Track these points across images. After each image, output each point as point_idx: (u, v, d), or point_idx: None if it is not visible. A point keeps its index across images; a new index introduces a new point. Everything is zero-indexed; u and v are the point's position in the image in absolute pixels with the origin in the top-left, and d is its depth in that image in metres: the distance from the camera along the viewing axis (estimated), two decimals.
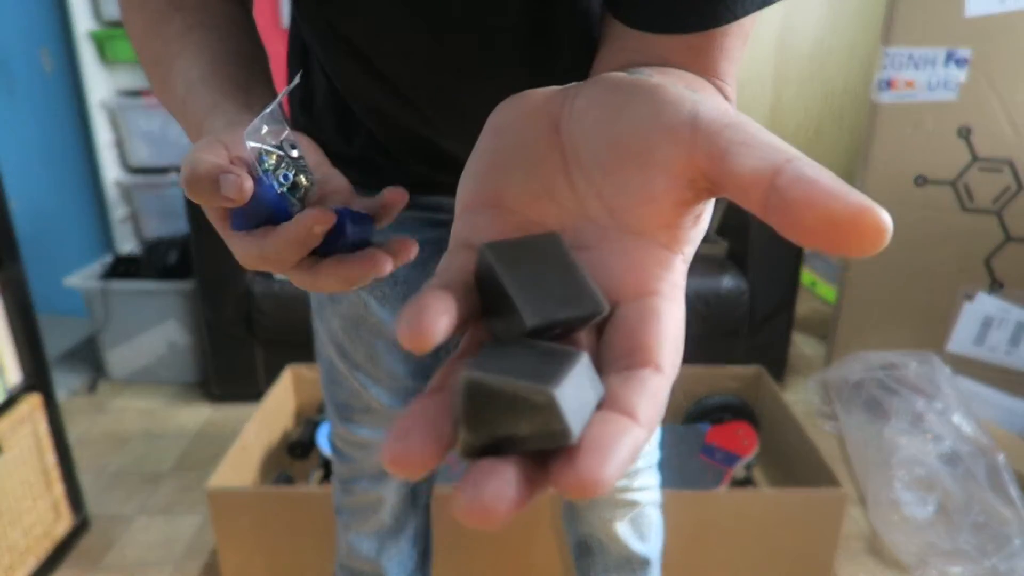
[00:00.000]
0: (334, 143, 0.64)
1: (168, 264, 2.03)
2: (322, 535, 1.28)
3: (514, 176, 0.31)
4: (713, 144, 0.26)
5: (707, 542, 1.30)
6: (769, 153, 0.24)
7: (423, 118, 0.59)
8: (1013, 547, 1.38)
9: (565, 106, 0.31)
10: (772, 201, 0.24)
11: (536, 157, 0.31)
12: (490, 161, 0.32)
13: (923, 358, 1.74)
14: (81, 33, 2.09)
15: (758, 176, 0.24)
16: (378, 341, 0.75)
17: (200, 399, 2.04)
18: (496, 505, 0.20)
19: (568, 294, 0.26)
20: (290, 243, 0.37)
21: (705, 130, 0.26)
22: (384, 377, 0.76)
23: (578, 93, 0.31)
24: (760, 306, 1.94)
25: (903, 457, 1.54)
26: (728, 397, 1.73)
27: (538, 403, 0.21)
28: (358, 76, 0.57)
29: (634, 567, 0.92)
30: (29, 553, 1.36)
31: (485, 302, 0.27)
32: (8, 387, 1.31)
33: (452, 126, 0.60)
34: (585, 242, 0.29)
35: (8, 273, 1.29)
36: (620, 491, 0.87)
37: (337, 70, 0.60)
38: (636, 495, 0.88)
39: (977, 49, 1.68)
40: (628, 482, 0.87)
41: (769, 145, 0.25)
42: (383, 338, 0.75)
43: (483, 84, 0.56)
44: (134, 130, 2.19)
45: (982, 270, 1.82)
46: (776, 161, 0.24)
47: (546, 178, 0.31)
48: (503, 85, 0.58)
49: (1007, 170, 1.74)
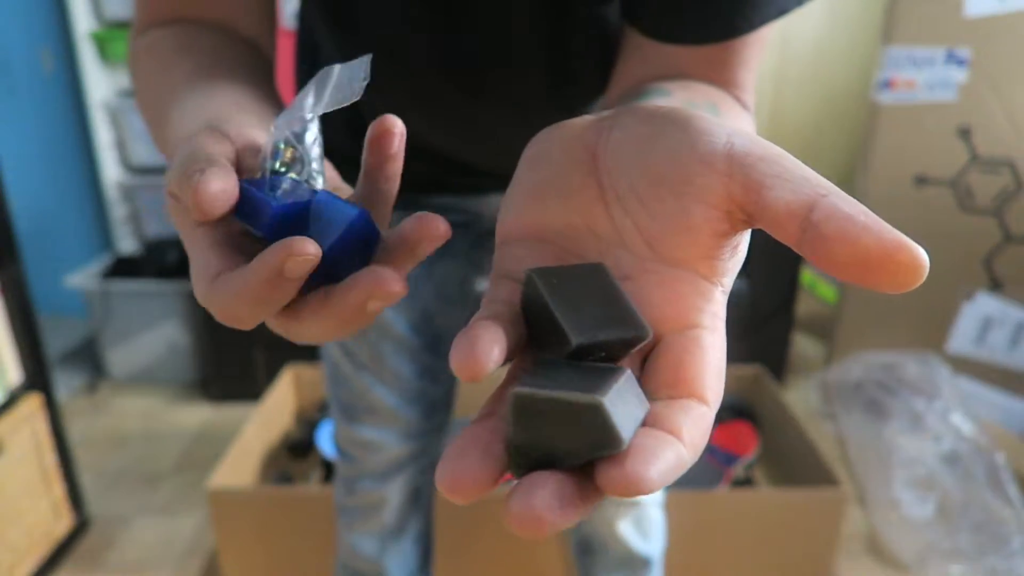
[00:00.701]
0: (341, 142, 0.64)
1: (168, 264, 2.03)
2: (322, 535, 1.28)
3: (553, 207, 0.31)
4: (748, 176, 0.26)
5: (707, 542, 1.30)
6: (804, 187, 0.25)
7: (438, 129, 0.59)
8: (1012, 547, 1.38)
9: (601, 137, 0.31)
10: (807, 236, 0.24)
11: (574, 188, 0.31)
12: (529, 192, 0.32)
13: (923, 358, 1.74)
14: (81, 33, 2.09)
15: (793, 210, 0.24)
16: (383, 341, 0.75)
17: (200, 399, 2.04)
18: (546, 514, 0.20)
19: (613, 317, 0.26)
20: (250, 290, 0.27)
21: (740, 162, 0.27)
22: (389, 377, 0.76)
23: (614, 124, 0.31)
24: (760, 306, 1.94)
25: (903, 457, 1.54)
26: (728, 397, 1.73)
27: (587, 410, 0.21)
28: (377, 99, 0.57)
29: (636, 567, 0.92)
30: (29, 553, 1.36)
31: (532, 328, 0.27)
32: (8, 387, 1.31)
33: (468, 139, 0.60)
34: (625, 272, 0.29)
35: (8, 273, 1.29)
36: None
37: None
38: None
39: (977, 49, 1.68)
40: None
41: (804, 178, 0.25)
42: (388, 338, 0.75)
43: (501, 102, 0.57)
44: (134, 130, 2.19)
45: (982, 270, 1.82)
46: (811, 196, 0.24)
47: (584, 209, 0.31)
48: (522, 103, 0.59)
49: (1007, 170, 1.74)
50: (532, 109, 0.58)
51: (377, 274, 0.27)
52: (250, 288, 0.26)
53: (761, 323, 1.96)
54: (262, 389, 1.88)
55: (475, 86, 0.56)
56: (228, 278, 0.27)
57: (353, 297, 0.27)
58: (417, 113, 0.58)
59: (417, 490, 0.89)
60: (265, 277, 0.26)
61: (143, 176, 2.25)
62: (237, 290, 0.27)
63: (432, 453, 0.90)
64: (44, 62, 2.19)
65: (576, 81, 0.57)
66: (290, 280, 0.26)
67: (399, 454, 0.83)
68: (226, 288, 0.27)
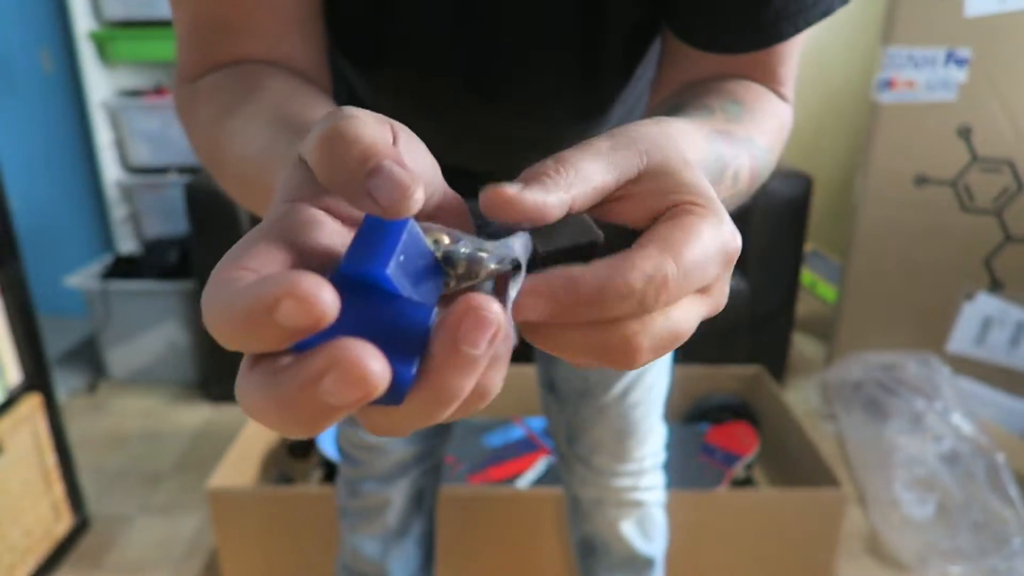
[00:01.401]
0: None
1: (168, 264, 2.03)
2: (322, 535, 1.28)
3: None
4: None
5: (707, 542, 1.30)
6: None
7: (453, 141, 0.59)
8: (1013, 547, 1.38)
9: None
10: None
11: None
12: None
13: (923, 358, 1.74)
14: (81, 33, 2.09)
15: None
16: None
17: (200, 399, 2.03)
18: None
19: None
20: (233, 313, 0.20)
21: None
22: None
23: None
24: (760, 306, 1.94)
25: (903, 457, 1.54)
26: (728, 397, 1.73)
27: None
28: (391, 109, 0.57)
29: (638, 567, 0.92)
30: (29, 553, 1.36)
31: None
32: (8, 387, 1.31)
33: (485, 151, 0.60)
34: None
35: (8, 273, 1.29)
36: (626, 491, 0.87)
37: (375, 100, 0.59)
38: (642, 495, 0.88)
39: (977, 49, 1.68)
40: (635, 482, 0.87)
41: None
42: None
43: (523, 110, 0.57)
44: (134, 130, 2.19)
45: (982, 270, 1.82)
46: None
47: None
48: (544, 120, 0.59)
49: (1007, 170, 1.74)
50: (553, 119, 0.58)
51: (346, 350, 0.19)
52: (234, 311, 0.20)
53: (761, 323, 1.96)
54: None
55: (498, 92, 0.55)
56: (227, 281, 0.22)
57: (308, 368, 0.19)
58: (438, 139, 0.59)
59: (420, 492, 0.89)
60: (250, 309, 0.19)
61: (143, 176, 2.25)
62: (221, 304, 0.21)
63: (436, 456, 0.90)
64: (44, 62, 2.19)
65: (599, 89, 0.57)
66: (279, 328, 0.19)
67: (403, 457, 0.84)
68: (215, 295, 0.21)
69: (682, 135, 0.32)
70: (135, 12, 2.09)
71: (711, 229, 0.26)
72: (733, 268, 0.28)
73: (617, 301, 0.23)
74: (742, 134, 0.39)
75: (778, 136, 0.44)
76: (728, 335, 1.95)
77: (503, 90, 0.55)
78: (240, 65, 0.45)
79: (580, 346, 0.24)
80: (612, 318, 0.24)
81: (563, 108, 0.57)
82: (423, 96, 0.56)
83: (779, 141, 0.45)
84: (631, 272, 0.23)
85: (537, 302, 0.23)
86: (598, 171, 0.27)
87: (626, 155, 0.27)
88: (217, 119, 0.41)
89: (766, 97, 0.45)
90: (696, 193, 0.27)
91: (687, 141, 0.32)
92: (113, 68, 2.24)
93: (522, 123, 0.58)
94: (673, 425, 1.68)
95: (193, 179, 1.80)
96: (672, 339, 0.25)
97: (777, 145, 0.44)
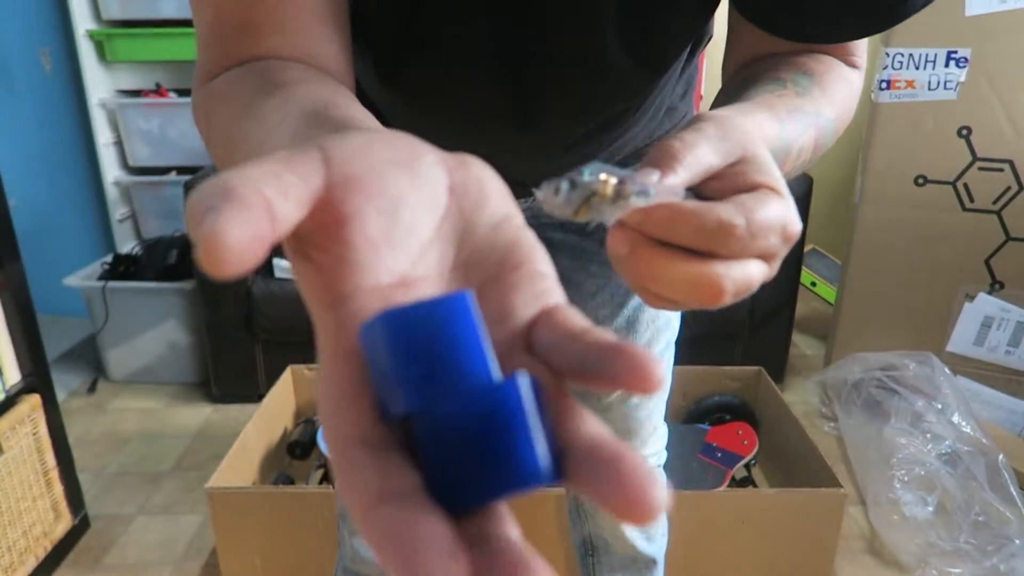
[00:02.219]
0: None
1: (168, 264, 2.03)
2: (322, 535, 1.28)
3: None
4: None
5: (707, 542, 1.30)
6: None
7: (479, 149, 0.59)
8: (1013, 547, 1.38)
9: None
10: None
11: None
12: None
13: (922, 358, 1.74)
14: (81, 33, 2.09)
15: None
16: None
17: (200, 399, 2.03)
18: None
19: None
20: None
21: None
22: None
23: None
24: (760, 306, 1.94)
25: (903, 457, 1.54)
26: (728, 397, 1.73)
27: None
28: (406, 116, 0.57)
29: (640, 567, 0.92)
30: (29, 553, 1.36)
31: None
32: (8, 387, 1.31)
33: (513, 156, 0.60)
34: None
35: (8, 273, 1.29)
36: None
37: (390, 108, 0.59)
38: None
39: (977, 49, 1.68)
40: None
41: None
42: None
43: (556, 119, 0.58)
44: (134, 130, 2.19)
45: (982, 270, 1.82)
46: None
47: None
48: (576, 119, 0.59)
49: (1007, 170, 1.74)
50: (590, 117, 0.59)
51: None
52: (375, 539, 0.17)
53: (761, 323, 1.96)
54: (262, 389, 1.88)
55: (530, 90, 0.55)
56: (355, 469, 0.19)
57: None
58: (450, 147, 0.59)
59: None
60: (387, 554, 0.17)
61: (143, 176, 2.25)
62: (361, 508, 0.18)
63: None
64: (44, 62, 2.19)
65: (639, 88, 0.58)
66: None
67: None
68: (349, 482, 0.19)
69: (759, 129, 0.39)
70: (134, 12, 2.09)
71: (779, 207, 0.31)
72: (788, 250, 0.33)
73: (707, 230, 0.29)
74: (810, 108, 0.44)
75: (847, 104, 0.49)
76: (728, 335, 1.95)
77: (535, 87, 0.54)
78: (261, 61, 0.43)
79: (678, 275, 0.30)
80: (705, 249, 0.30)
81: (598, 107, 0.58)
82: (449, 98, 0.55)
83: (848, 108, 0.49)
84: (712, 210, 0.29)
85: (660, 211, 0.29)
86: (709, 154, 0.32)
87: (730, 145, 0.33)
88: (236, 115, 0.39)
89: (836, 68, 0.48)
90: (776, 181, 0.33)
91: (766, 132, 0.40)
92: (113, 68, 2.24)
93: (557, 124, 0.58)
94: (673, 425, 1.67)
95: (193, 179, 1.80)
96: (746, 286, 0.31)
97: (846, 112, 0.49)
